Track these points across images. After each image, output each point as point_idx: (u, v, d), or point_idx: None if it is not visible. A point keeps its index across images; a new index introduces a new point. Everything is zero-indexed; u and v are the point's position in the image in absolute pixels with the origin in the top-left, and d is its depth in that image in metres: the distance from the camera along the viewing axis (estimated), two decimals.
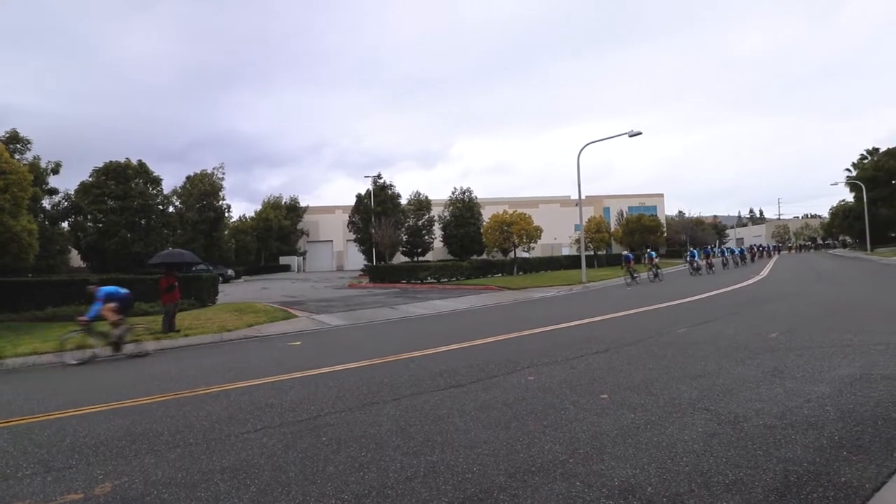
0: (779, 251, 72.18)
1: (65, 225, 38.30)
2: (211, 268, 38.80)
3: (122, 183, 38.24)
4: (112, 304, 10.82)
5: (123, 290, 11.34)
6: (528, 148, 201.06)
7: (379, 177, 50.55)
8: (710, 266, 32.54)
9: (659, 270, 27.92)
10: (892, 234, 55.45)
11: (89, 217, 38.08)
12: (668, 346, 8.38)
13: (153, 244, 36.79)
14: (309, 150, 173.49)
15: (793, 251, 78.51)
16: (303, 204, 65.79)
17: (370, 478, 3.70)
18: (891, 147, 59.24)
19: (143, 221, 39.10)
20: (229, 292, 27.61)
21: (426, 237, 51.49)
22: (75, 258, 41.05)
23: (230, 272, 44.55)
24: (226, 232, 49.95)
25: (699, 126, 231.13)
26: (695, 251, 33.70)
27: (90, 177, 38.79)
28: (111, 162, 39.02)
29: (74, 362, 10.26)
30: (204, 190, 46.05)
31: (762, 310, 12.86)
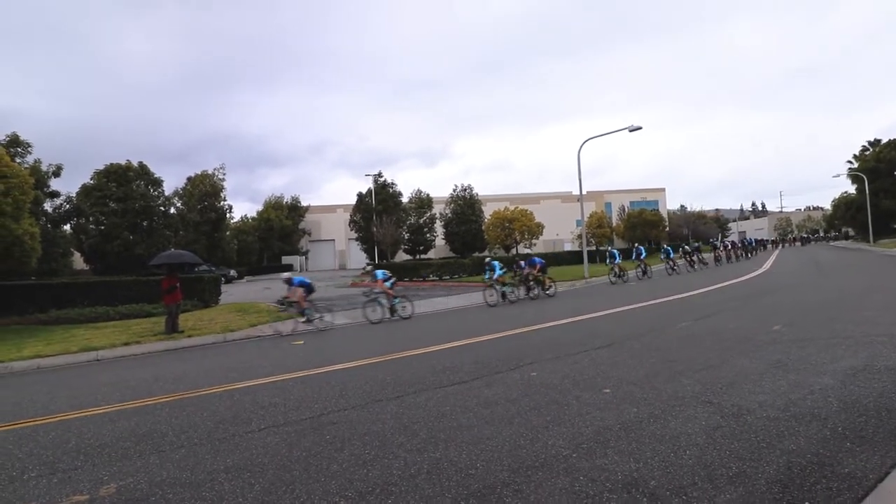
0: (765, 246, 59.54)
1: (67, 228, 38.39)
2: (213, 268, 38.91)
3: (123, 185, 38.30)
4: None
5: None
6: (528, 145, 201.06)
7: (380, 175, 50.60)
8: (691, 263, 29.89)
9: (648, 267, 26.18)
10: (895, 226, 55.26)
11: (91, 219, 38.16)
12: (671, 339, 8.37)
13: (155, 245, 36.82)
14: (311, 149, 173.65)
15: (786, 245, 70.00)
16: (304, 203, 65.86)
17: (374, 475, 3.71)
18: (892, 138, 59.08)
19: (144, 223, 39.17)
20: (232, 293, 27.65)
21: (428, 235, 51.53)
22: (78, 261, 41.14)
23: (232, 273, 44.63)
24: (227, 232, 50.01)
25: (700, 120, 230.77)
26: (669, 248, 30.35)
27: (91, 179, 38.86)
28: (112, 164, 39.08)
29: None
30: (205, 191, 46.09)
31: (764, 302, 12.85)
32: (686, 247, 33.03)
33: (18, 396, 7.69)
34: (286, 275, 14.33)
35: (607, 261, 25.43)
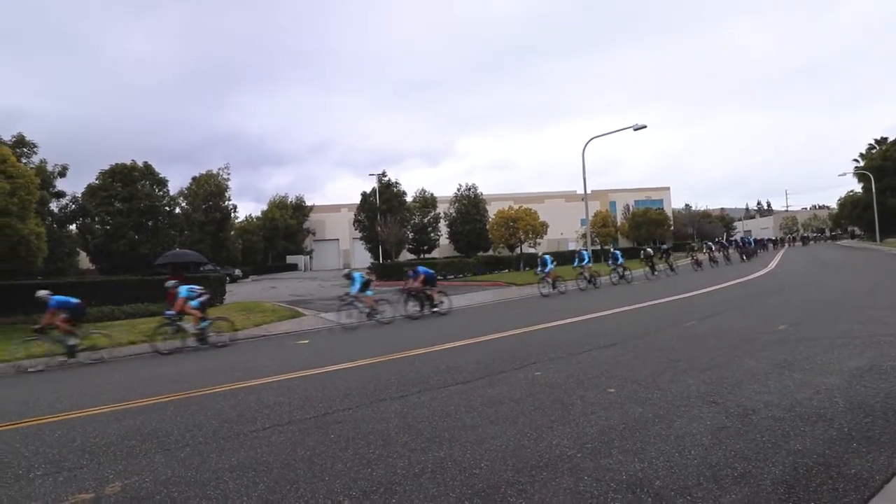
0: (766, 246, 51.35)
1: (73, 227, 38.56)
2: (218, 268, 39.03)
3: (128, 185, 38.44)
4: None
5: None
6: (531, 144, 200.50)
7: (384, 174, 50.63)
8: (652, 269, 25.18)
9: (627, 272, 23.17)
10: None
11: (97, 219, 38.30)
12: (676, 339, 8.34)
13: (160, 245, 36.96)
14: (314, 148, 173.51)
15: (785, 244, 63.12)
16: (308, 203, 65.94)
17: (378, 474, 3.71)
18: None
19: (149, 223, 39.30)
20: (237, 292, 27.72)
21: (432, 234, 51.51)
22: (84, 260, 41.35)
23: (237, 272, 44.75)
24: (232, 232, 50.12)
25: (704, 119, 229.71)
26: (618, 252, 24.43)
27: (97, 179, 39.02)
28: (117, 164, 39.23)
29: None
30: (210, 190, 46.20)
31: (770, 302, 12.79)
32: (648, 249, 26.95)
33: (24, 395, 7.73)
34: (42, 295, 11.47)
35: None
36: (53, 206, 33.97)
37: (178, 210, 44.02)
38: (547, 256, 19.88)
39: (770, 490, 3.11)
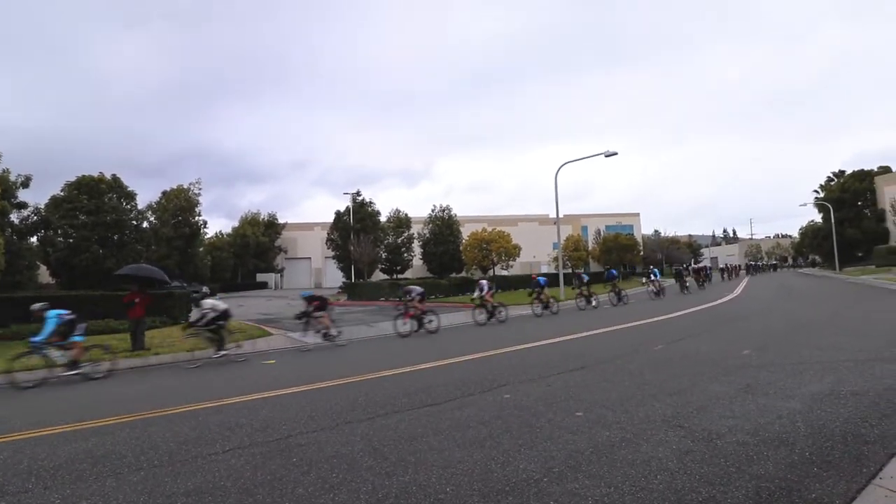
0: (719, 273, 47.79)
1: (34, 240, 37.29)
2: (185, 284, 38.08)
3: (94, 197, 37.42)
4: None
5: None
6: (508, 167, 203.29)
7: (358, 194, 50.52)
8: (587, 298, 22.40)
9: (594, 298, 22.42)
10: (859, 254, 57.00)
11: (59, 232, 37.14)
12: (644, 363, 8.41)
13: (126, 260, 35.88)
14: (291, 166, 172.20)
15: (725, 275, 53.54)
16: (281, 220, 65.23)
17: (340, 499, 3.60)
18: (856, 170, 61.33)
19: (115, 237, 38.22)
20: None
21: (405, 255, 51.37)
22: (44, 274, 39.92)
23: (205, 289, 43.73)
24: (201, 248, 49.16)
25: (674, 147, 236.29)
26: (542, 279, 21.58)
27: (62, 191, 37.96)
28: (84, 176, 38.22)
29: (28, 385, 9.83)
30: (179, 205, 45.35)
31: (735, 327, 13.05)
32: (581, 275, 24.13)
33: None
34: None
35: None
36: (14, 217, 32.86)
37: (145, 224, 43.04)
38: (484, 281, 18.55)
39: None
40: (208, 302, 12.54)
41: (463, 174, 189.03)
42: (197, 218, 46.83)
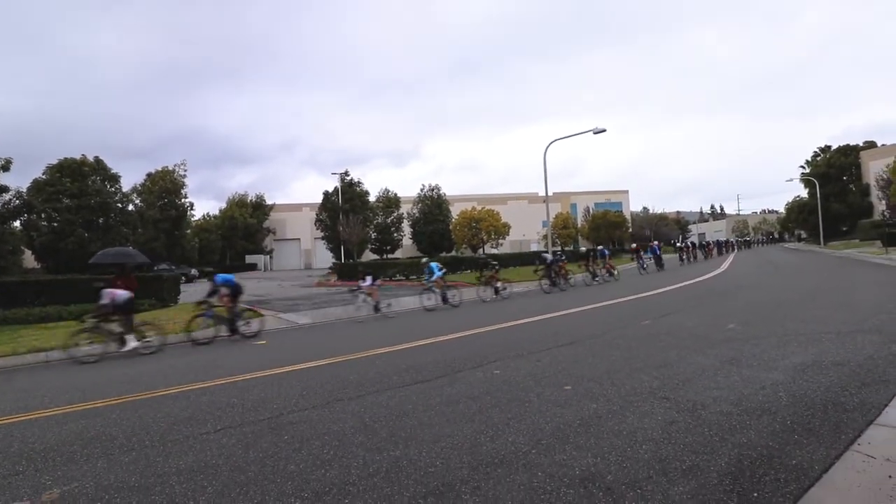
0: (694, 249, 41.10)
1: (17, 224, 36.74)
2: (173, 267, 37.85)
3: (77, 180, 36.90)
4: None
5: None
6: (497, 146, 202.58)
7: (346, 174, 50.19)
8: (553, 281, 20.35)
9: (568, 278, 21.18)
10: (844, 229, 57.74)
11: (43, 216, 36.66)
12: (631, 337, 8.52)
13: (112, 243, 35.54)
14: (281, 147, 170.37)
15: (711, 251, 46.28)
16: (270, 202, 64.73)
17: (331, 475, 3.64)
18: (842, 145, 61.79)
19: (100, 220, 37.83)
20: (192, 292, 26.92)
21: (395, 234, 51.33)
22: (29, 259, 39.44)
23: (193, 271, 43.48)
24: (189, 230, 48.75)
25: (663, 125, 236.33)
26: (548, 255, 21.32)
27: (44, 174, 37.34)
28: (66, 159, 37.62)
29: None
30: (165, 187, 44.82)
31: (721, 301, 13.23)
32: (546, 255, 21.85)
33: None
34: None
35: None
36: None
37: (131, 207, 42.52)
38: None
39: (716, 482, 3.20)
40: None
41: (453, 154, 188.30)
42: (183, 200, 46.43)
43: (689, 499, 3.01)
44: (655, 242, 34.49)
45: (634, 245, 35.01)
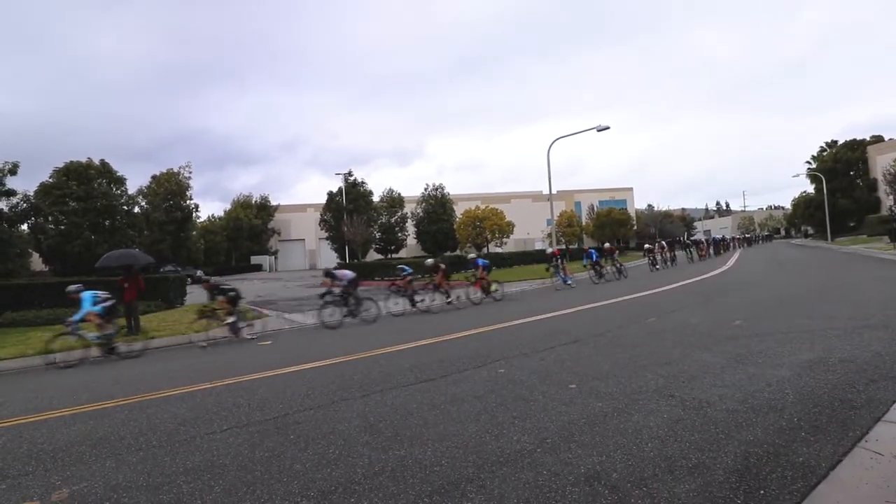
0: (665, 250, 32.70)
1: (24, 227, 36.97)
2: (179, 268, 38.00)
3: (84, 183, 37.09)
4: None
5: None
6: (500, 145, 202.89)
7: (350, 174, 50.33)
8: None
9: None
10: (851, 224, 57.39)
11: (50, 219, 36.86)
12: (636, 335, 8.50)
13: (118, 245, 35.71)
14: (284, 148, 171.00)
15: (704, 252, 37.86)
16: (274, 202, 64.88)
17: (337, 474, 3.66)
18: (848, 139, 61.41)
19: (107, 222, 38.01)
20: (199, 294, 27.03)
21: (399, 234, 51.37)
22: (37, 261, 39.69)
23: (199, 273, 43.59)
24: (194, 232, 48.93)
25: (668, 123, 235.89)
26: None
27: (50, 177, 37.55)
28: (72, 162, 37.83)
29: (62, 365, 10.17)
30: (170, 189, 45.04)
31: (727, 299, 13.17)
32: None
33: None
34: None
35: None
36: (3, 204, 32.53)
37: (137, 209, 42.71)
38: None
39: (722, 479, 3.19)
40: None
41: (455, 153, 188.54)
42: (188, 202, 46.65)
43: (695, 496, 3.01)
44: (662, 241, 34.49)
45: (647, 246, 34.31)
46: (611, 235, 56.46)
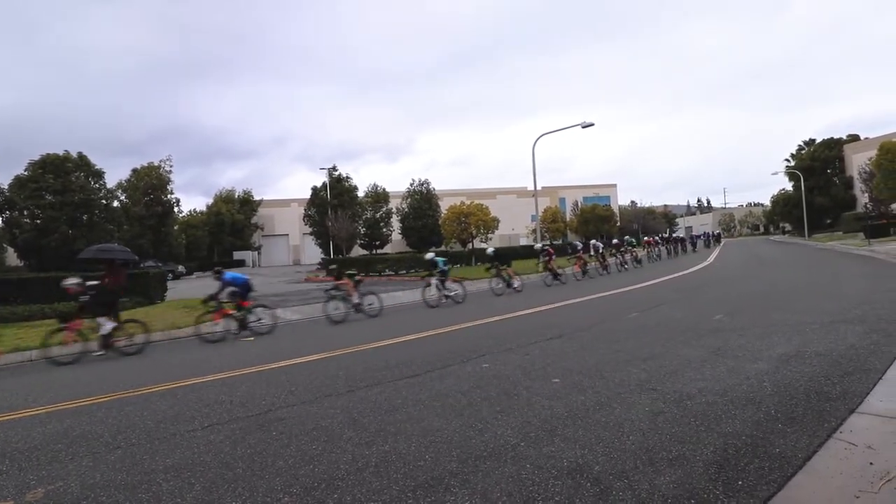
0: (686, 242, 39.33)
1: None
2: (159, 264, 37.49)
3: (60, 176, 36.36)
4: None
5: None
6: (488, 141, 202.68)
7: (334, 169, 49.94)
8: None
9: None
10: (828, 221, 58.51)
11: (25, 213, 36.11)
12: (620, 330, 8.58)
13: (96, 240, 35.08)
14: (272, 143, 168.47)
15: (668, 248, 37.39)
16: (257, 197, 64.23)
17: (320, 470, 3.64)
18: (826, 138, 62.53)
19: (84, 217, 37.33)
20: (179, 289, 26.71)
21: (384, 229, 51.17)
22: (11, 256, 38.90)
23: (180, 268, 43.14)
24: (175, 227, 48.28)
25: (650, 120, 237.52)
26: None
27: (25, 170, 36.76)
28: (49, 154, 37.04)
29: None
30: (150, 183, 44.32)
31: (707, 294, 13.36)
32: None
33: None
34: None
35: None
36: None
37: (116, 203, 42.01)
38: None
39: (702, 471, 3.24)
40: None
41: (445, 149, 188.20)
42: (169, 196, 45.93)
43: (675, 488, 3.05)
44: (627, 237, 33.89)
45: (647, 238, 36.54)
46: (594, 231, 56.91)
